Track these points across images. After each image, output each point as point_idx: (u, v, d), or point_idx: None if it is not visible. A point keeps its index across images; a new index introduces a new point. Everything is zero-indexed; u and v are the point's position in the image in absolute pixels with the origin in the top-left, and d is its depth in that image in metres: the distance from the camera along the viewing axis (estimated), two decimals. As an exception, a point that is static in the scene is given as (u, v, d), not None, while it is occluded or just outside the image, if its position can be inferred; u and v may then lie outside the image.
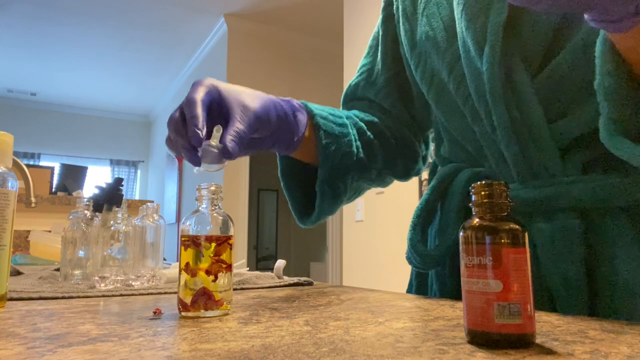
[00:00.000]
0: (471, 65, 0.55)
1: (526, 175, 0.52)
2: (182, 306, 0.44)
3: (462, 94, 0.58)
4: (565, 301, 0.48)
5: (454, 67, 0.58)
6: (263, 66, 4.53)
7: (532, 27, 0.51)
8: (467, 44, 0.55)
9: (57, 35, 4.78)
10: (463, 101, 0.58)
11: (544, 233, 0.49)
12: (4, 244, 0.49)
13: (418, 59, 0.65)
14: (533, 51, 0.51)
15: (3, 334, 0.35)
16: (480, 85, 0.54)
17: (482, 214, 0.32)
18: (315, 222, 0.67)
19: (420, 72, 0.65)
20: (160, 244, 0.81)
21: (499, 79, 0.51)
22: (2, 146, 0.51)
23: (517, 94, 0.51)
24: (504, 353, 0.28)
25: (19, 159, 1.50)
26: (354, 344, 0.31)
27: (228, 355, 0.29)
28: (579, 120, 0.48)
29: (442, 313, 0.44)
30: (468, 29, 0.55)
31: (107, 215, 0.80)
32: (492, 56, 0.52)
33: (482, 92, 0.54)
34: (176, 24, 4.58)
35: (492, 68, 0.52)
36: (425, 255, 0.58)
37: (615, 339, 0.32)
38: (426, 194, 0.63)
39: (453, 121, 0.61)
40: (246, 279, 0.76)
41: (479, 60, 0.53)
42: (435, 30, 0.61)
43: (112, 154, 7.25)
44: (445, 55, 0.59)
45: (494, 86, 0.52)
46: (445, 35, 0.59)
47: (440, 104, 0.63)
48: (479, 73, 0.54)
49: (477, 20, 0.54)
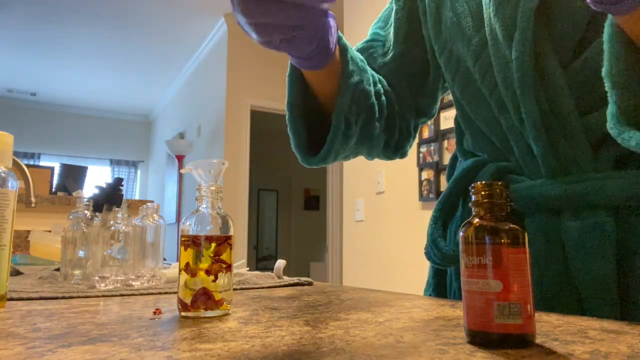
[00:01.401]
0: (499, 53, 0.53)
1: (555, 170, 0.50)
2: (182, 306, 0.44)
3: (488, 84, 0.55)
4: (594, 302, 0.46)
5: (480, 55, 0.56)
6: (263, 66, 4.53)
7: (565, 16, 0.49)
8: (495, 30, 0.53)
9: (57, 35, 4.78)
10: (489, 91, 0.55)
11: (574, 231, 0.47)
12: (4, 244, 0.49)
13: (443, 45, 0.63)
14: (565, 41, 0.49)
15: (3, 334, 0.35)
16: (508, 74, 0.52)
17: (482, 214, 0.32)
18: (323, 158, 0.62)
19: (444, 58, 0.63)
20: (160, 244, 0.81)
21: (529, 67, 0.49)
22: (2, 146, 0.51)
23: (547, 84, 0.49)
24: (504, 353, 0.28)
25: (19, 159, 1.50)
26: (354, 344, 0.31)
27: (228, 355, 0.29)
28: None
29: (442, 313, 0.44)
30: (497, 14, 0.52)
31: (107, 215, 0.80)
32: (522, 44, 0.49)
33: (510, 81, 0.51)
34: (176, 24, 4.58)
35: (522, 56, 0.50)
36: (446, 252, 0.56)
37: (615, 339, 0.32)
38: (448, 188, 0.61)
39: (479, 112, 0.59)
40: (246, 279, 0.76)
41: (508, 48, 0.51)
42: (460, 16, 0.59)
43: (112, 154, 7.25)
44: (471, 42, 0.57)
45: (523, 75, 0.50)
46: (472, 21, 0.57)
47: (465, 93, 0.61)
48: (507, 62, 0.52)
49: (507, 5, 0.51)
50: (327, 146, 0.60)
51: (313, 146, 0.63)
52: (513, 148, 0.54)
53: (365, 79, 0.61)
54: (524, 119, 0.51)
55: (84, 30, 4.69)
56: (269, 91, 4.53)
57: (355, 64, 0.60)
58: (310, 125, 0.63)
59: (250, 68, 4.46)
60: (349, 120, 0.59)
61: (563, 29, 0.49)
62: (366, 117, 0.62)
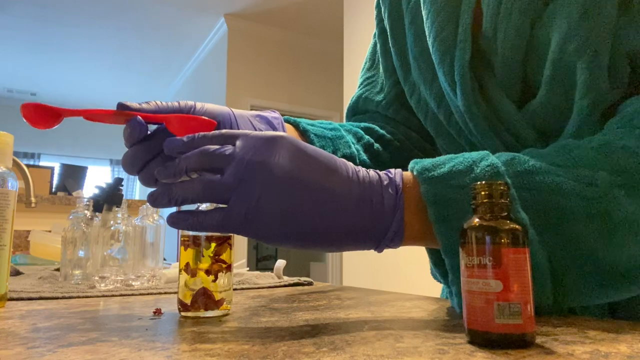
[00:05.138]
0: (453, 102, 0.54)
1: None
2: (182, 306, 0.44)
3: (454, 127, 0.57)
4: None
5: (441, 102, 0.57)
6: (263, 66, 4.53)
7: (499, 61, 0.50)
8: (443, 83, 0.54)
9: (58, 35, 4.78)
10: (457, 133, 0.57)
11: None
12: (4, 244, 0.49)
13: (412, 88, 0.63)
14: (510, 85, 0.50)
15: (3, 334, 0.35)
16: (466, 122, 0.53)
17: (482, 214, 0.32)
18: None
19: (414, 101, 0.63)
20: (160, 244, 0.81)
21: (481, 116, 0.51)
22: (2, 146, 0.51)
23: (506, 123, 0.50)
24: (504, 353, 0.28)
25: (19, 159, 1.50)
26: (354, 344, 0.31)
27: (228, 355, 0.29)
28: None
29: (442, 313, 0.44)
30: (439, 70, 0.54)
31: (107, 215, 0.80)
32: (465, 98, 0.51)
33: (469, 128, 0.53)
34: (176, 24, 4.58)
35: (469, 109, 0.51)
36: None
37: (615, 339, 0.32)
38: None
39: (453, 150, 0.60)
40: (246, 279, 0.76)
41: (457, 100, 0.52)
42: (419, 61, 0.59)
43: (112, 154, 7.25)
44: (433, 88, 0.58)
45: (476, 125, 0.51)
46: (427, 67, 0.58)
47: (438, 134, 0.61)
48: (461, 112, 0.53)
49: (444, 61, 0.53)
50: None
51: None
52: None
53: (340, 145, 0.60)
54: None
55: (84, 30, 4.69)
56: (269, 91, 4.53)
57: (322, 137, 0.59)
58: None
59: (250, 68, 4.46)
60: None
61: (505, 76, 0.50)
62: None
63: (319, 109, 4.81)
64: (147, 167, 0.43)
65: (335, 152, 0.60)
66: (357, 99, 0.75)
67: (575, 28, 0.43)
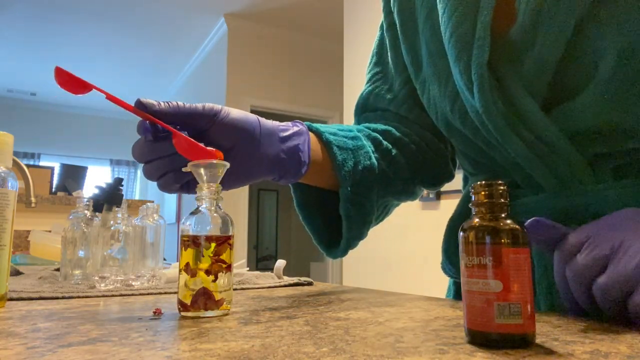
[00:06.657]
0: (469, 102, 0.52)
1: (557, 187, 0.49)
2: (182, 306, 0.44)
3: (469, 127, 0.54)
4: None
5: (455, 101, 0.55)
6: (263, 66, 4.53)
7: (531, 59, 0.48)
8: (459, 82, 0.52)
9: (57, 35, 4.78)
10: (473, 134, 0.54)
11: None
12: (4, 244, 0.49)
13: (423, 86, 0.61)
14: (539, 84, 0.48)
15: (3, 334, 0.35)
16: (483, 122, 0.51)
17: (482, 214, 0.32)
18: (345, 250, 0.63)
19: (425, 100, 0.61)
20: (160, 244, 0.81)
21: (501, 116, 0.49)
22: (2, 146, 0.51)
23: (527, 122, 0.48)
24: (504, 353, 0.28)
25: (19, 159, 1.50)
26: (354, 344, 0.31)
27: (228, 355, 0.29)
28: (602, 136, 0.46)
29: (442, 313, 0.44)
30: (454, 68, 0.52)
31: (107, 215, 0.80)
32: (483, 97, 0.49)
33: (488, 128, 0.51)
34: (176, 23, 4.58)
35: (487, 108, 0.49)
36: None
37: (615, 339, 0.32)
38: (461, 202, 0.60)
39: (468, 149, 0.58)
40: (246, 279, 0.76)
41: (473, 100, 0.50)
42: (434, 57, 0.57)
43: (112, 154, 7.25)
44: (447, 87, 0.55)
45: (496, 125, 0.49)
46: (444, 65, 0.56)
47: (451, 134, 0.59)
48: (478, 112, 0.51)
49: (461, 59, 0.51)
50: (345, 237, 0.61)
51: (334, 235, 0.64)
52: (511, 172, 0.54)
53: (360, 156, 0.60)
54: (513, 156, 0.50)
55: (85, 30, 4.69)
56: (269, 91, 4.53)
57: (344, 149, 0.59)
58: (328, 210, 0.64)
59: (250, 68, 4.46)
60: (359, 204, 0.59)
61: (530, 72, 0.49)
62: (382, 185, 0.62)
63: (319, 108, 4.81)
64: (150, 164, 0.49)
65: (356, 164, 0.59)
66: (367, 96, 0.73)
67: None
